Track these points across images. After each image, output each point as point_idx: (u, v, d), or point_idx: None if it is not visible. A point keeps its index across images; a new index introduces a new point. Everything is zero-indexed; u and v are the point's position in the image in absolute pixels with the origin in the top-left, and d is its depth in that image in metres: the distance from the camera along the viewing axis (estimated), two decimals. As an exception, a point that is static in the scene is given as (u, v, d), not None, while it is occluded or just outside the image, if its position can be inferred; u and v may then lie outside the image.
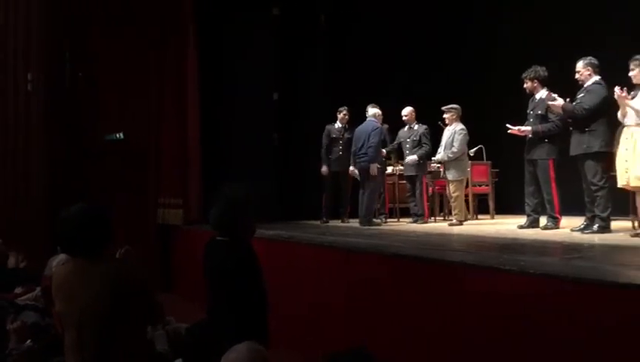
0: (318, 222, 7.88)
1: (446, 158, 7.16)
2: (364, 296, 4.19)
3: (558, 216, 5.94)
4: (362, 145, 7.27)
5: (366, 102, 7.91)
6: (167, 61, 8.28)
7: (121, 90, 8.10)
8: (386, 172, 8.20)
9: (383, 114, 7.73)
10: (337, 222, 7.92)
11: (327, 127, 8.09)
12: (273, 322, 3.00)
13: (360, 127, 7.49)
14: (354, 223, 7.74)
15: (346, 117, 8.02)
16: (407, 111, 7.65)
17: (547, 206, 5.99)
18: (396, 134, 7.92)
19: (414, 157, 7.42)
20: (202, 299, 3.31)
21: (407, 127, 7.70)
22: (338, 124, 8.06)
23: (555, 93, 5.88)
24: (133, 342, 2.57)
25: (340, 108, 8.05)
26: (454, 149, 7.06)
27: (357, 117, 7.90)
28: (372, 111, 7.49)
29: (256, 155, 8.59)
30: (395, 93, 8.64)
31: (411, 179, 7.60)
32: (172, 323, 3.46)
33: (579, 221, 5.65)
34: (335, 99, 8.35)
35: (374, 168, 7.17)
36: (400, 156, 8.09)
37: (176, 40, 8.25)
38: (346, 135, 7.99)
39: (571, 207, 6.12)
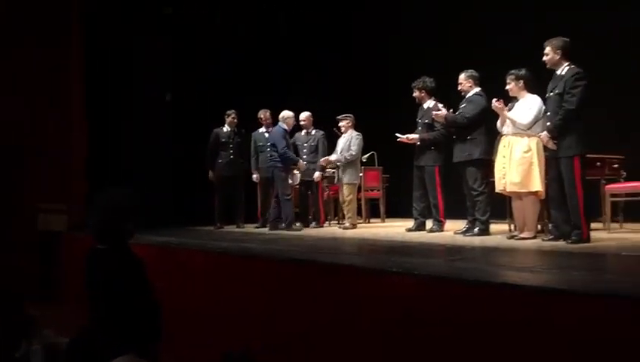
0: (212, 228, 7.76)
1: (343, 160, 7.28)
2: (258, 301, 4.17)
3: (442, 219, 6.26)
4: (276, 150, 7.18)
5: (260, 105, 7.92)
6: (50, 60, 7.80)
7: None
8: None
9: (273, 117, 7.75)
10: (233, 228, 7.83)
11: (215, 130, 7.94)
12: (166, 329, 2.91)
13: (271, 131, 7.43)
14: (249, 228, 7.70)
15: (235, 120, 7.90)
16: (304, 116, 7.64)
17: (433, 210, 6.29)
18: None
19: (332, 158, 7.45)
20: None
21: (304, 131, 7.72)
22: (226, 128, 7.94)
23: (442, 102, 6.21)
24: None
25: (228, 112, 7.93)
26: (352, 151, 7.18)
27: (246, 120, 7.90)
28: (281, 114, 7.37)
29: (149, 158, 8.31)
30: (291, 99, 8.70)
31: (307, 184, 7.65)
32: (49, 337, 3.24)
33: (461, 224, 5.97)
34: (230, 102, 8.24)
35: (279, 173, 7.12)
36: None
37: (60, 39, 7.80)
38: (236, 139, 7.91)
39: (455, 211, 6.47)
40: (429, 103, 6.40)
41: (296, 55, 9.68)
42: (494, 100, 5.30)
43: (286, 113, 7.33)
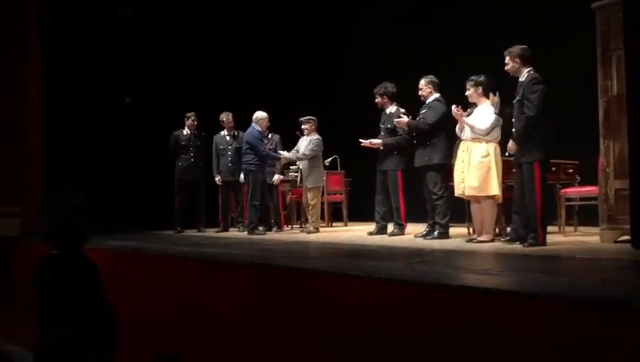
0: (172, 232, 7.65)
1: (294, 158, 7.27)
2: (219, 306, 4.13)
3: (404, 223, 6.33)
4: (251, 153, 7.08)
5: (219, 108, 7.87)
6: (5, 61, 7.59)
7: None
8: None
9: (235, 120, 7.69)
10: (193, 232, 7.75)
11: (175, 133, 7.85)
12: (123, 334, 2.86)
13: (245, 133, 7.32)
14: (210, 232, 7.63)
15: (195, 123, 7.83)
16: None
17: (394, 213, 6.36)
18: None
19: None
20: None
21: (271, 135, 7.62)
22: (186, 131, 7.85)
23: (403, 108, 6.29)
24: None
25: (188, 114, 7.84)
26: (306, 151, 7.14)
27: (208, 123, 7.87)
28: (254, 115, 7.24)
29: (107, 161, 8.16)
30: (250, 101, 8.69)
31: (267, 188, 7.58)
32: (-2, 345, 3.14)
33: (422, 227, 6.05)
34: (190, 104, 8.16)
35: (253, 177, 7.02)
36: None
37: (15, 39, 7.60)
38: (196, 141, 7.84)
39: (415, 215, 6.55)
40: (392, 108, 6.46)
41: (258, 58, 9.68)
42: (453, 107, 5.40)
43: (259, 114, 7.22)
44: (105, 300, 2.74)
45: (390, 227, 6.41)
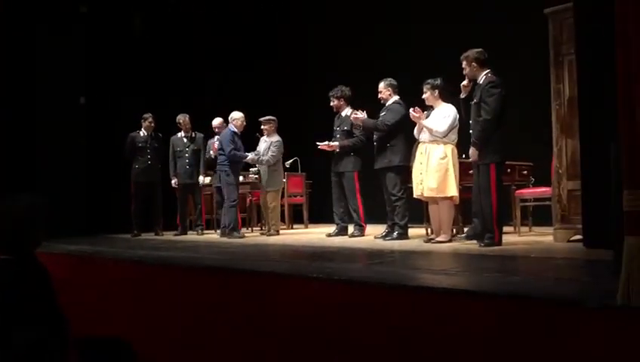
0: (129, 236, 7.50)
1: (257, 161, 7.21)
2: (176, 311, 4.05)
3: (363, 224, 6.36)
4: (223, 154, 6.95)
5: (178, 109, 7.76)
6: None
7: None
8: (205, 183, 8.07)
9: (194, 122, 7.59)
10: (151, 235, 7.61)
11: (131, 135, 7.69)
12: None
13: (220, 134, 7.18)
14: (168, 236, 7.51)
15: (152, 124, 7.68)
16: (217, 122, 7.44)
17: (353, 215, 6.38)
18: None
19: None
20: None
21: (216, 138, 7.41)
22: (143, 132, 7.71)
23: (360, 110, 6.31)
24: None
25: (145, 116, 7.69)
26: (268, 157, 7.11)
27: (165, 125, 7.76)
28: (230, 115, 7.09)
29: (62, 163, 7.94)
30: (208, 102, 8.62)
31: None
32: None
33: (382, 228, 6.08)
34: (148, 104, 8.00)
35: (225, 178, 6.90)
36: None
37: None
38: (153, 143, 7.69)
39: (375, 216, 6.58)
40: (347, 111, 6.49)
41: (217, 58, 9.60)
42: (411, 110, 5.45)
43: (235, 114, 7.07)
44: (56, 304, 2.65)
45: (351, 228, 6.43)
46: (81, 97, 8.33)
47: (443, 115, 5.36)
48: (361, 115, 6.08)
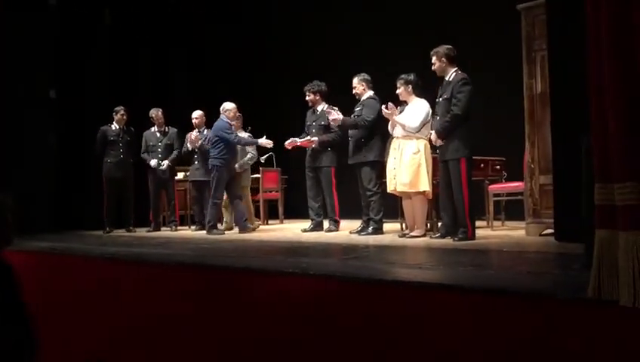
0: (101, 233, 7.38)
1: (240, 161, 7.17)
2: (147, 308, 4.00)
3: (338, 219, 6.36)
4: (218, 147, 6.72)
5: (150, 104, 7.65)
6: None
7: None
8: (176, 177, 7.98)
9: (168, 117, 7.48)
10: (123, 232, 7.49)
11: (102, 128, 7.53)
12: (45, 339, 2.71)
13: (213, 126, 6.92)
14: (140, 232, 7.41)
15: (124, 117, 7.54)
16: (197, 114, 7.37)
17: (329, 210, 6.38)
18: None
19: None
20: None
21: (195, 131, 7.32)
22: (115, 126, 7.56)
23: (335, 106, 6.30)
24: None
25: (117, 108, 7.54)
26: (249, 156, 7.05)
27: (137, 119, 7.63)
28: (222, 106, 6.85)
29: (30, 158, 7.76)
30: (182, 96, 8.52)
31: (199, 185, 7.42)
32: None
33: (357, 223, 6.09)
34: (117, 98, 7.86)
35: (217, 173, 6.67)
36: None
37: None
38: (125, 137, 7.57)
39: (350, 211, 6.59)
40: (323, 106, 6.47)
41: (191, 52, 9.49)
42: (384, 106, 5.46)
43: (226, 105, 6.85)
44: (21, 301, 2.59)
45: (326, 223, 6.42)
46: (50, 90, 8.13)
47: (416, 111, 5.38)
48: (337, 115, 6.05)
